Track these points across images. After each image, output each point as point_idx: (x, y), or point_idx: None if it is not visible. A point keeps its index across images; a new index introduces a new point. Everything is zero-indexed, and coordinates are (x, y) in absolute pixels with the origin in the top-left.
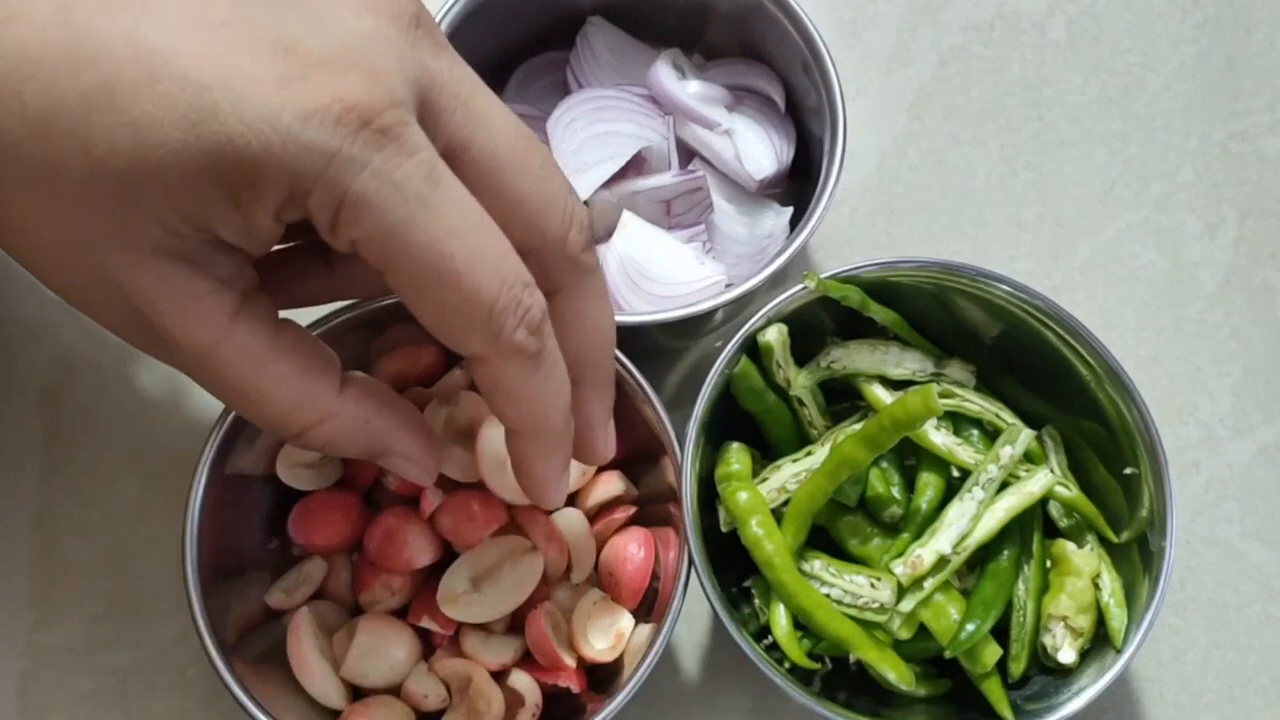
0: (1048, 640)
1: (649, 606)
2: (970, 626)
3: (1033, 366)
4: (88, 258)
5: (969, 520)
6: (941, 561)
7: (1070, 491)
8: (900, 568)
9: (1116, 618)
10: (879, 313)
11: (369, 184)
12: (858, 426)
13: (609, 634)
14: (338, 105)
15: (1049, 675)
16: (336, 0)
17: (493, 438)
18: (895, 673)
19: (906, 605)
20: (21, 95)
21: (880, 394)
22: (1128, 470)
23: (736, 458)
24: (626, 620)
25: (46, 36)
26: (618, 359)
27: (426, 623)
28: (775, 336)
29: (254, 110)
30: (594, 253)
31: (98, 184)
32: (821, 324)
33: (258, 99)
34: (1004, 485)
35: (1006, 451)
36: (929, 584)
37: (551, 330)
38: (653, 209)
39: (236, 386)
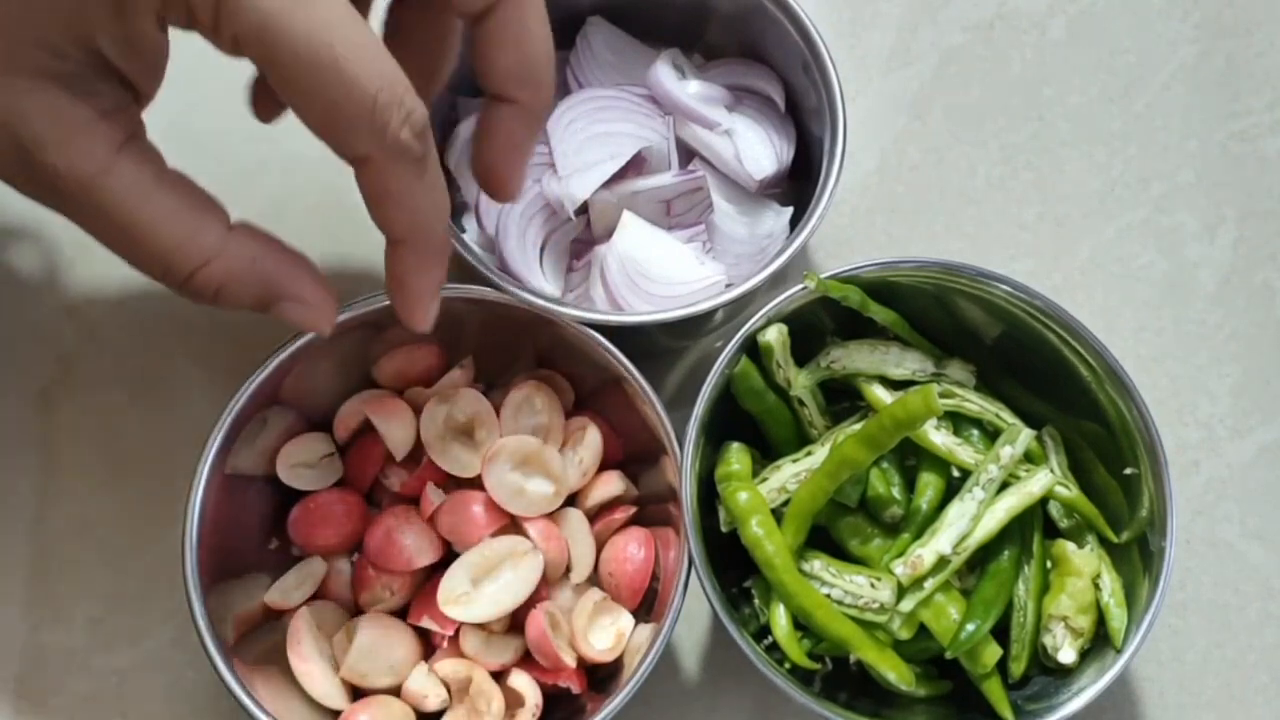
0: (1048, 640)
1: (649, 606)
2: (970, 626)
3: (1033, 367)
4: None
5: (969, 520)
6: (941, 561)
7: (1070, 491)
8: (900, 568)
9: (1116, 618)
10: (879, 313)
11: None
12: (858, 426)
13: (609, 634)
14: None
15: (1049, 675)
16: None
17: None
18: (895, 673)
19: (906, 605)
20: None
21: (880, 394)
22: (1128, 470)
23: (736, 458)
24: (626, 620)
25: None
26: (617, 358)
27: (426, 623)
28: (775, 336)
29: None
30: None
31: None
32: (821, 324)
33: None
34: (1004, 485)
35: (1006, 451)
36: (929, 584)
37: (433, 141)
38: (653, 209)
39: (119, 220)
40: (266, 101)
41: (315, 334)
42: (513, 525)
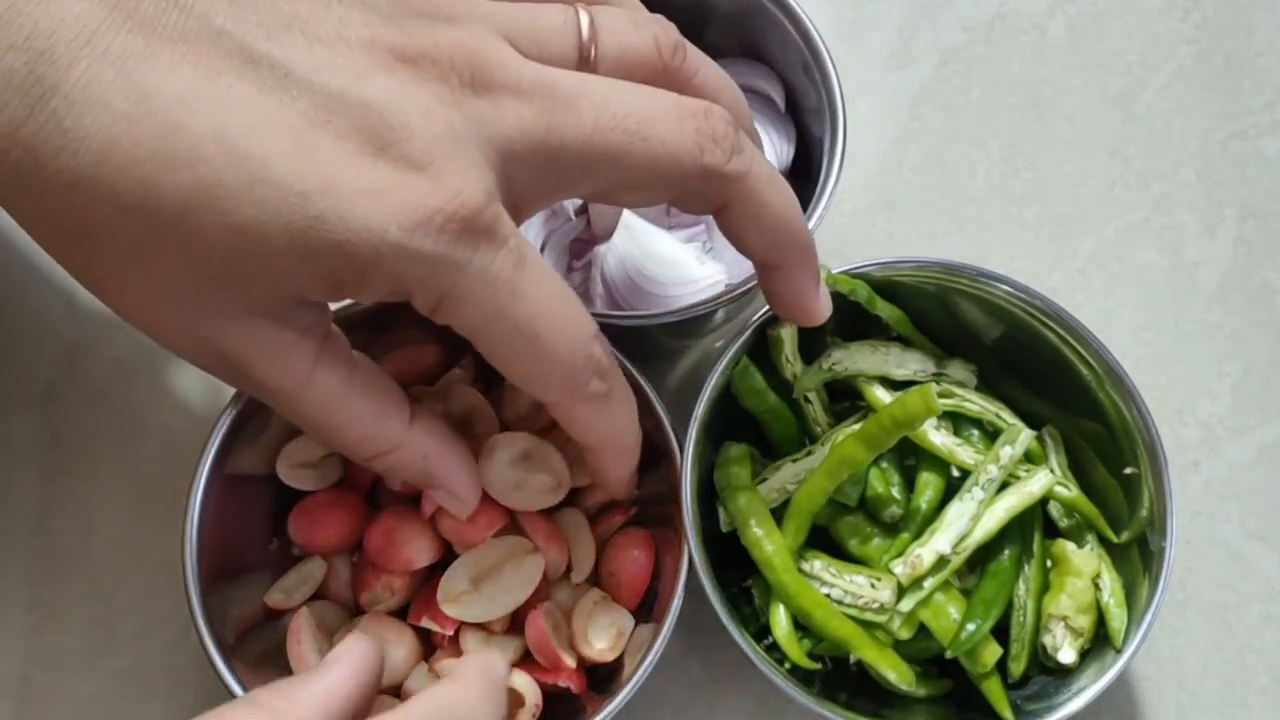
0: (1048, 640)
1: (649, 607)
2: (970, 626)
3: (1033, 367)
4: (182, 320)
5: (969, 520)
6: (941, 561)
7: (1070, 491)
8: (900, 567)
9: (1116, 618)
10: (884, 309)
11: (467, 282)
12: (857, 426)
13: (609, 633)
14: (439, 217)
15: (1049, 675)
16: (394, 87)
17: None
18: (895, 673)
19: (906, 605)
20: (115, 186)
21: (880, 394)
22: (1128, 470)
23: (736, 459)
24: (627, 620)
25: (132, 130)
26: (617, 358)
27: (426, 623)
28: (786, 329)
29: (361, 222)
30: (742, 152)
31: (196, 270)
32: (822, 324)
33: (361, 211)
34: (1004, 485)
35: (1006, 452)
36: (929, 584)
37: (618, 368)
38: (653, 209)
39: (319, 422)
40: None
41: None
42: (513, 526)
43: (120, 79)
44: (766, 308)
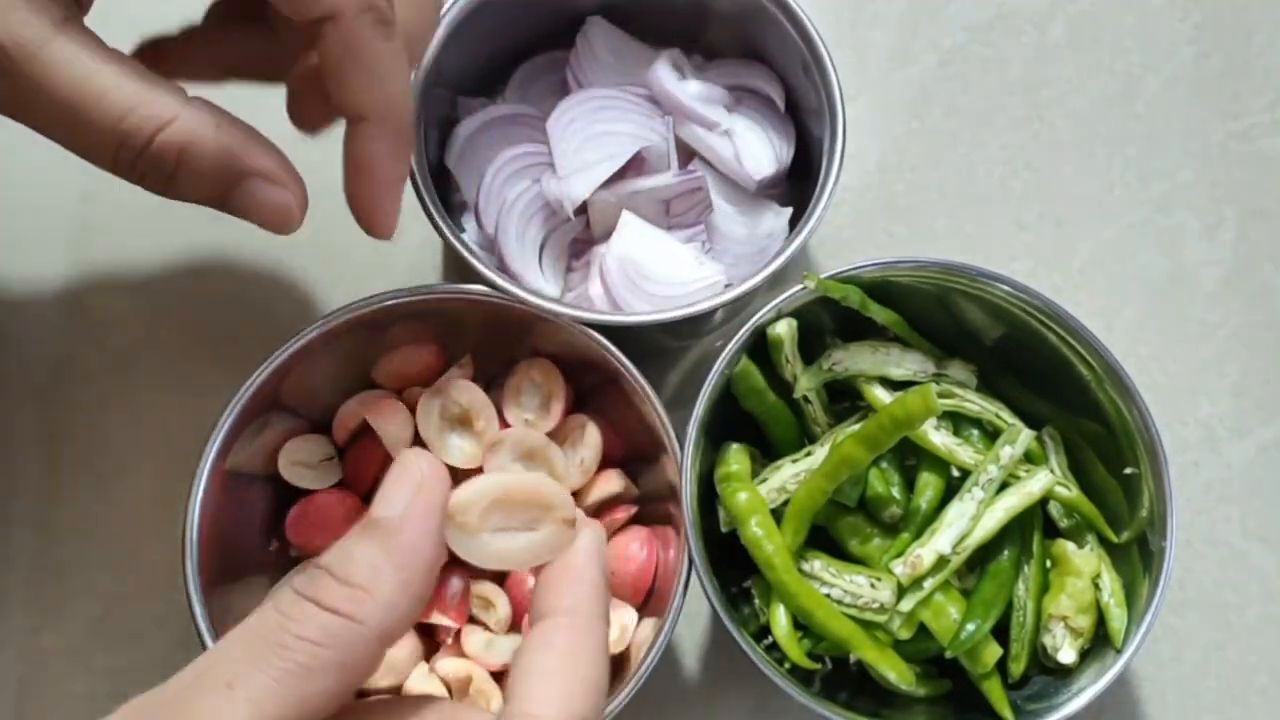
0: (1048, 640)
1: (650, 605)
2: (970, 626)
3: (1033, 367)
4: None
5: (969, 520)
6: (941, 561)
7: (1070, 491)
8: (900, 567)
9: (1116, 618)
10: (879, 313)
11: None
12: (857, 426)
13: (613, 628)
14: None
15: (1049, 675)
16: None
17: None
18: (895, 673)
19: (906, 605)
20: None
21: (880, 394)
22: (1128, 470)
23: (736, 458)
24: (629, 615)
25: None
26: (617, 358)
27: (436, 617)
28: (785, 330)
29: None
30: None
31: None
32: (821, 324)
33: None
34: (1004, 485)
35: (1006, 452)
36: (929, 584)
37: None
38: (652, 209)
39: (71, 87)
40: (310, 111)
41: (286, 225)
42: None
43: None
44: (766, 307)
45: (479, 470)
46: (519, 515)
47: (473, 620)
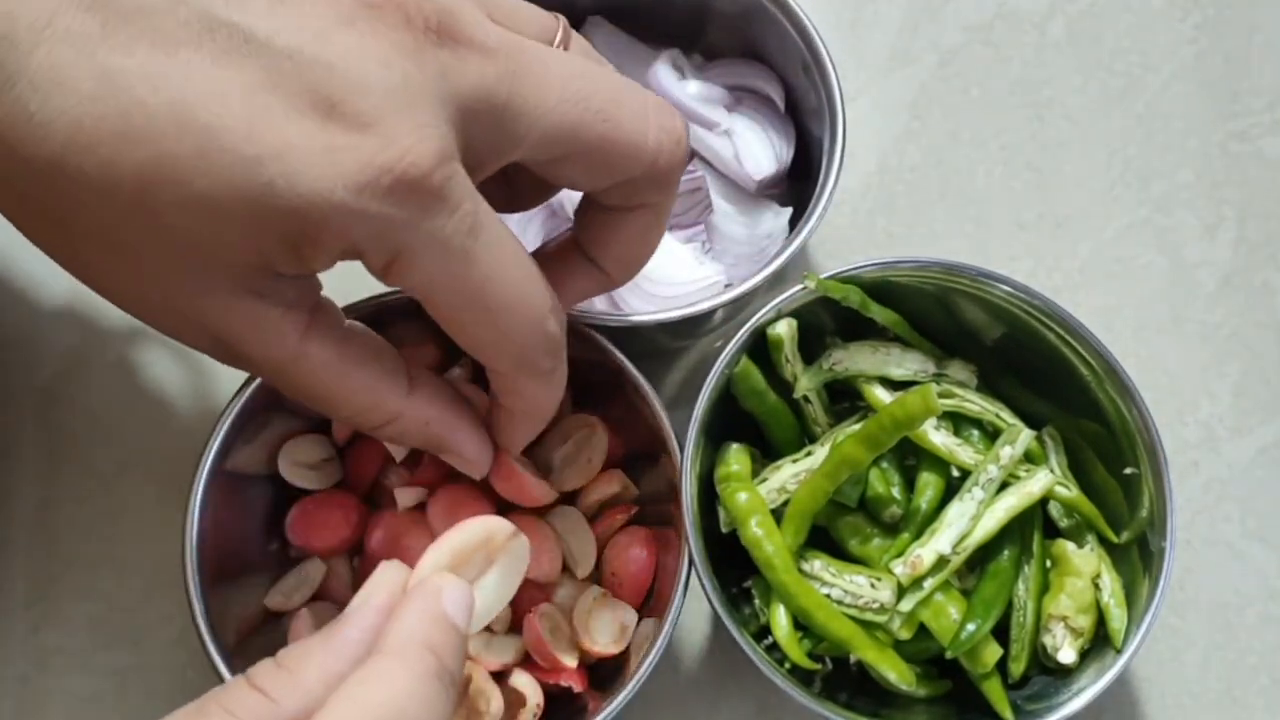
0: (1048, 640)
1: (650, 606)
2: (970, 626)
3: (1033, 367)
4: (166, 302)
5: (969, 520)
6: (941, 561)
7: (1070, 491)
8: (900, 568)
9: (1116, 618)
10: (879, 313)
11: (418, 243)
12: (857, 426)
13: (613, 629)
14: (387, 177)
15: (1049, 675)
16: (353, 42)
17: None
18: (895, 673)
19: (906, 605)
20: (82, 168)
21: (880, 395)
22: (1128, 470)
23: (736, 458)
24: (630, 615)
25: (95, 110)
26: (617, 358)
27: None
28: (785, 330)
29: (308, 185)
30: (682, 163)
31: (165, 247)
32: (822, 324)
33: (310, 174)
34: (1004, 485)
35: (1006, 452)
36: (929, 584)
37: (564, 353)
38: None
39: (317, 395)
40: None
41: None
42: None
43: (81, 59)
44: (766, 308)
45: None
46: (475, 563)
47: None
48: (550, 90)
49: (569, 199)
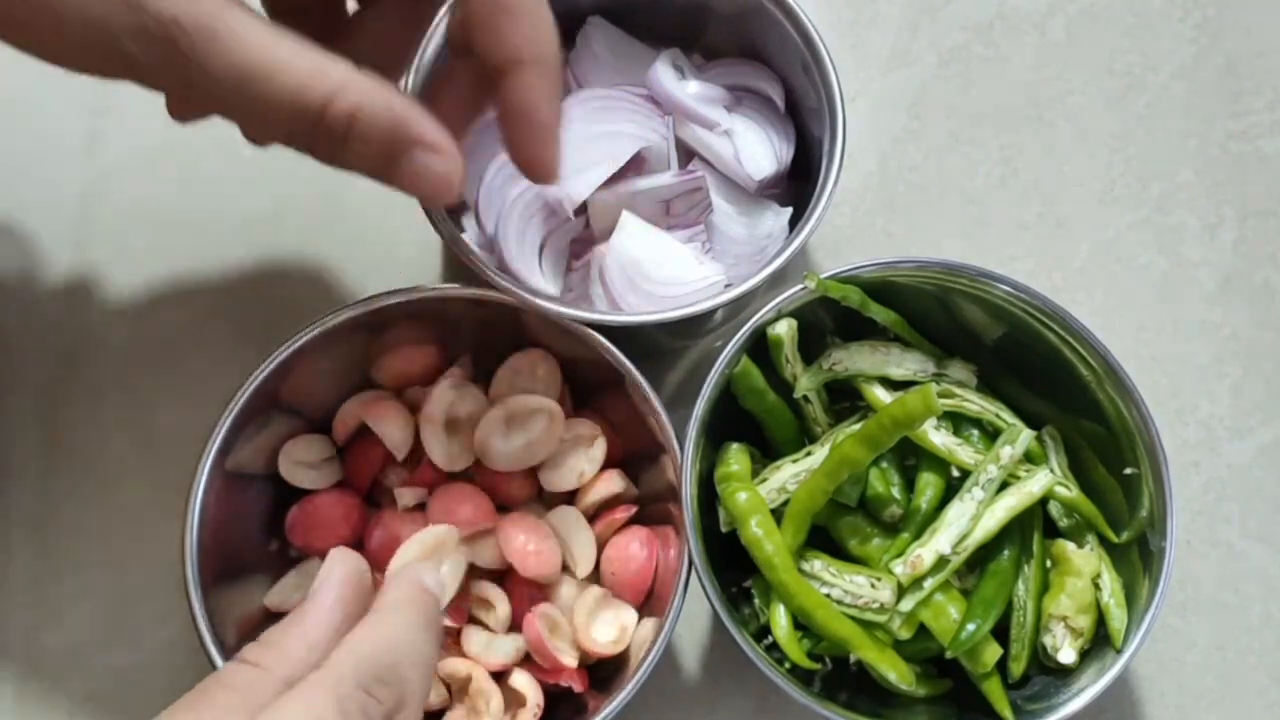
0: (1048, 640)
1: (650, 606)
2: (971, 626)
3: (1033, 367)
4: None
5: (969, 520)
6: (941, 561)
7: (1070, 491)
8: (900, 567)
9: (1116, 618)
10: (879, 313)
11: None
12: (858, 426)
13: (613, 627)
14: None
15: (1049, 675)
16: None
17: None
18: (895, 673)
19: (906, 605)
20: None
21: (880, 394)
22: (1128, 470)
23: (736, 458)
24: (630, 614)
25: None
26: (617, 358)
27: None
28: (785, 330)
29: None
30: None
31: None
32: (822, 324)
33: None
34: (1004, 485)
35: (1006, 452)
36: (929, 584)
37: None
38: (652, 209)
39: (248, 62)
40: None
41: (445, 195)
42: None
43: None
44: (766, 308)
45: (468, 476)
46: (433, 561)
47: (472, 620)
48: None
49: (568, 197)
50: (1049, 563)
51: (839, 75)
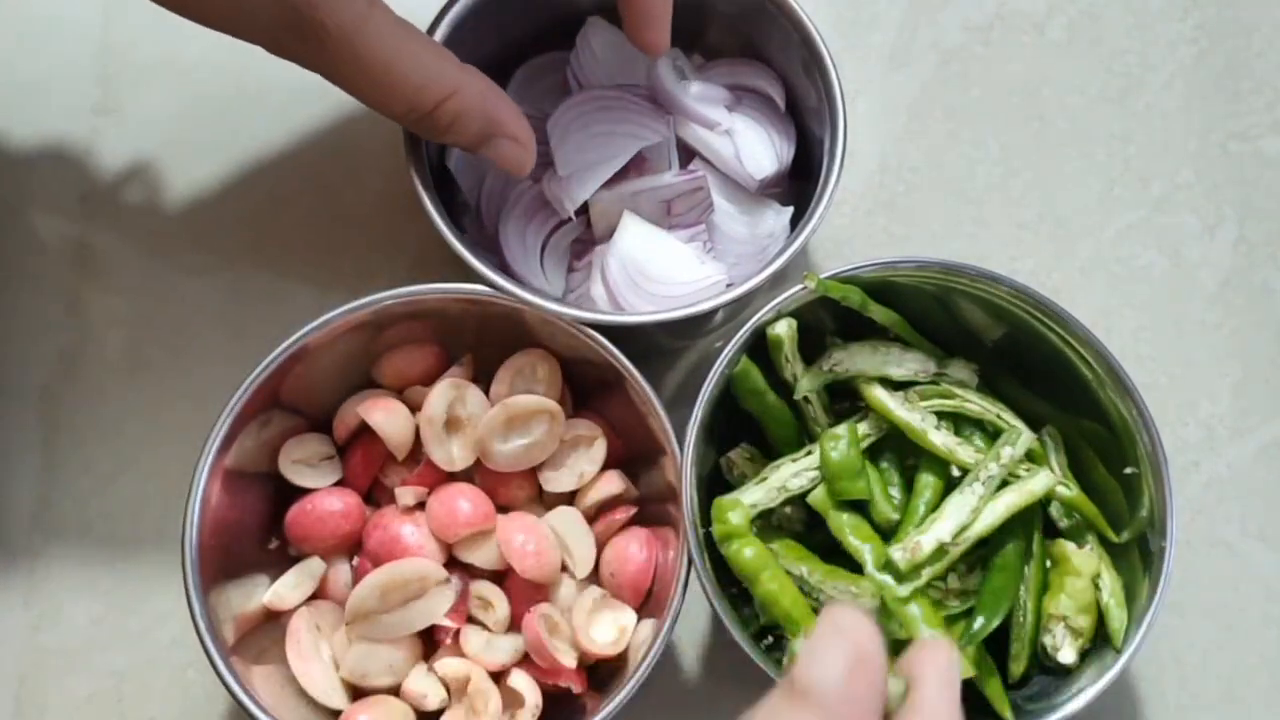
0: (1048, 640)
1: (649, 606)
2: (980, 620)
3: (1033, 367)
4: None
5: (969, 512)
6: (940, 550)
7: (1070, 491)
8: (899, 553)
9: (1116, 618)
10: (879, 313)
11: None
12: (859, 426)
13: (612, 629)
14: None
15: (1049, 675)
16: None
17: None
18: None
19: (904, 591)
20: None
21: (880, 395)
22: (1128, 470)
23: (730, 510)
24: (629, 615)
25: None
26: (617, 358)
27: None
28: (785, 330)
29: None
30: None
31: None
32: (822, 324)
33: None
34: (1004, 484)
35: (1007, 451)
36: (927, 573)
37: None
38: (653, 209)
39: (379, 65)
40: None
41: (519, 172)
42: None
43: None
44: (766, 308)
45: (468, 477)
46: (397, 595)
47: (472, 620)
48: None
49: (569, 198)
50: (1049, 562)
51: (839, 75)
